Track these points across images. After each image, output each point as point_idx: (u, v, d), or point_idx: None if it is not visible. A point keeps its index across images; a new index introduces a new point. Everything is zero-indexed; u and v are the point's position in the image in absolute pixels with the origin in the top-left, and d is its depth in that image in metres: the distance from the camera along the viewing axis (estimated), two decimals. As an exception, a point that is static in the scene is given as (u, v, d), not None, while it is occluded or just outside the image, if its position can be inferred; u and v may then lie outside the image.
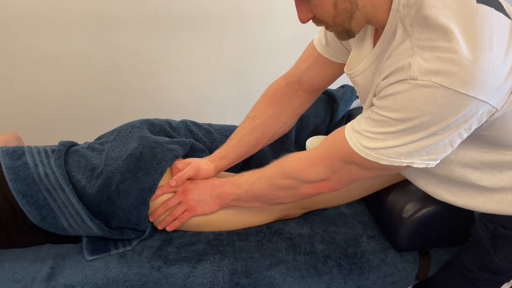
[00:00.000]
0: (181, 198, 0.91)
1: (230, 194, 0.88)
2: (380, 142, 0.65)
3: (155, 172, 0.89)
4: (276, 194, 0.83)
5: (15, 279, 0.82)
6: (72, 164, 0.92)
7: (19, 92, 1.68)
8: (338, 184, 0.77)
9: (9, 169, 0.87)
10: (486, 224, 0.79)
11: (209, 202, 0.90)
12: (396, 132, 0.63)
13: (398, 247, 0.92)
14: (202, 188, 0.91)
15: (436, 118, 0.59)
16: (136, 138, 0.95)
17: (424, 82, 0.57)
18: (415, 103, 0.59)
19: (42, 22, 1.54)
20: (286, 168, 0.80)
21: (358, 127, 0.69)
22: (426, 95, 0.58)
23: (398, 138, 0.63)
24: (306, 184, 0.78)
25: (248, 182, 0.86)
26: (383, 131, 0.64)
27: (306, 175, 0.77)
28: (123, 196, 0.87)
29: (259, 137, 0.99)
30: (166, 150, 0.93)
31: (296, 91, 0.97)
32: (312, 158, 0.77)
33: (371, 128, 0.66)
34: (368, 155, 0.67)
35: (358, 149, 0.68)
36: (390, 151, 0.65)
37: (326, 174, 0.75)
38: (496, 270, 0.78)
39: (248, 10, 1.71)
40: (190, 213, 0.91)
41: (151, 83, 1.79)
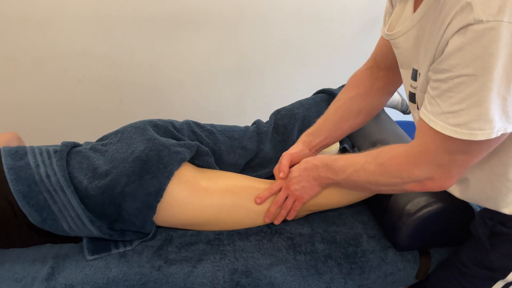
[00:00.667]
0: (287, 192, 0.94)
1: (327, 179, 0.89)
2: (466, 113, 0.58)
3: (162, 176, 0.88)
4: (378, 188, 0.82)
5: (15, 278, 0.82)
6: (74, 165, 0.92)
7: (19, 92, 1.68)
8: (449, 179, 0.70)
9: (10, 169, 0.87)
10: (485, 221, 0.79)
11: (310, 187, 0.92)
12: (477, 91, 0.56)
13: (398, 246, 0.92)
14: (299, 177, 0.92)
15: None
16: (142, 140, 0.94)
17: (492, 23, 0.52)
18: (488, 49, 0.53)
19: (42, 21, 1.54)
20: (386, 166, 0.76)
21: (438, 109, 0.62)
22: (497, 38, 0.52)
23: (481, 99, 0.56)
24: (412, 182, 0.73)
25: (345, 171, 0.84)
26: (464, 96, 0.58)
27: (410, 174, 0.72)
28: (128, 199, 0.87)
29: (345, 115, 1.00)
30: (173, 153, 0.92)
31: (378, 73, 0.97)
32: (413, 157, 0.71)
33: (450, 99, 0.60)
34: (461, 133, 0.60)
35: (450, 131, 0.61)
36: (481, 122, 0.58)
37: (432, 171, 0.69)
38: (492, 267, 0.79)
39: (248, 10, 1.71)
40: (300, 202, 0.94)
41: (151, 83, 1.79)
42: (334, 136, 1.02)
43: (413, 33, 0.71)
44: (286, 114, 1.19)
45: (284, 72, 1.90)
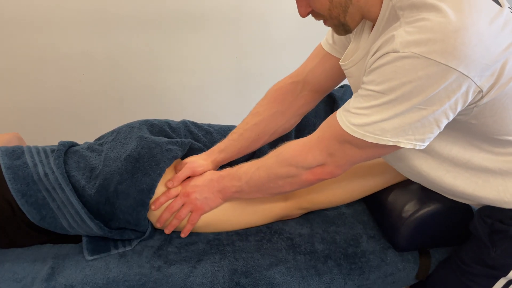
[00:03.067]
0: (185, 200, 0.91)
1: (232, 187, 0.88)
2: (366, 118, 0.66)
3: (154, 173, 0.89)
4: (276, 183, 0.83)
5: (15, 279, 0.82)
6: (71, 165, 0.92)
7: (19, 92, 1.68)
8: (336, 168, 0.76)
9: (8, 168, 0.87)
10: (484, 219, 0.80)
11: (212, 198, 0.90)
12: (380, 105, 0.64)
13: (398, 247, 0.92)
14: (203, 186, 0.90)
15: (417, 89, 0.60)
16: (135, 138, 0.95)
17: (405, 53, 0.58)
18: (397, 74, 0.60)
19: (42, 22, 1.54)
20: (284, 155, 0.80)
21: (347, 106, 0.70)
22: (407, 66, 0.59)
23: (382, 111, 0.64)
24: (305, 170, 0.78)
25: (248, 173, 0.86)
26: (368, 105, 0.65)
27: (303, 160, 0.77)
28: (121, 197, 0.87)
29: (261, 133, 0.99)
30: (165, 151, 0.92)
31: (301, 91, 0.97)
32: (308, 143, 0.77)
33: (358, 104, 0.67)
34: (355, 132, 0.67)
35: (346, 126, 0.68)
36: (376, 127, 0.65)
37: (323, 157, 0.75)
38: (493, 265, 0.79)
39: (248, 10, 1.71)
40: (198, 213, 0.91)
41: (151, 83, 1.79)
42: (244, 153, 1.01)
43: (364, 62, 0.73)
44: (285, 114, 1.19)
45: (284, 72, 1.89)
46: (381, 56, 0.62)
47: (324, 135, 0.75)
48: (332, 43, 0.90)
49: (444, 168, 0.78)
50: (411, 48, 0.58)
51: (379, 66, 0.63)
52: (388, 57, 0.61)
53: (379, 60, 0.63)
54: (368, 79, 0.66)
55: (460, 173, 0.77)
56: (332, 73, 0.93)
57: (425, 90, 0.60)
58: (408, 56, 0.58)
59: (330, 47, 0.90)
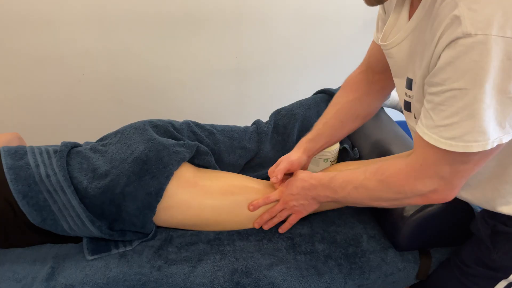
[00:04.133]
0: (284, 206, 0.94)
1: (326, 197, 0.88)
2: (458, 127, 0.58)
3: (162, 176, 0.88)
4: (379, 204, 0.81)
5: (15, 278, 0.82)
6: (74, 166, 0.92)
7: (19, 92, 1.68)
8: (451, 190, 0.69)
9: (10, 169, 0.87)
10: (486, 220, 0.79)
11: (309, 204, 0.92)
12: (468, 104, 0.56)
13: (398, 246, 0.92)
14: (297, 195, 0.92)
15: (503, 73, 0.54)
16: (142, 140, 0.94)
17: (479, 37, 0.52)
18: (477, 63, 0.53)
19: (42, 22, 1.54)
20: (388, 183, 0.75)
21: (431, 122, 0.62)
22: (484, 52, 0.53)
23: (474, 112, 0.56)
24: (415, 196, 0.73)
25: (344, 189, 0.83)
26: (455, 109, 0.58)
27: (413, 189, 0.71)
28: (128, 199, 0.87)
29: (344, 119, 0.99)
30: (172, 153, 0.92)
31: (373, 77, 0.97)
32: (413, 171, 0.70)
33: (442, 113, 0.60)
34: (455, 146, 0.60)
35: (444, 144, 0.61)
36: (475, 134, 0.58)
37: (434, 184, 0.68)
38: (495, 267, 0.78)
39: (248, 10, 1.71)
40: (298, 216, 0.95)
41: (151, 83, 1.79)
42: (332, 141, 1.03)
43: (407, 43, 0.71)
44: (286, 114, 1.19)
45: (284, 72, 1.90)
46: (450, 44, 0.55)
47: (427, 161, 0.67)
48: (377, 32, 0.88)
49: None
50: (484, 29, 0.52)
51: (452, 59, 0.56)
52: (459, 45, 0.54)
53: (448, 51, 0.56)
54: (442, 77, 0.58)
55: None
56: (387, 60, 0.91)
57: (509, 71, 0.54)
58: (484, 41, 0.52)
59: (376, 36, 0.90)
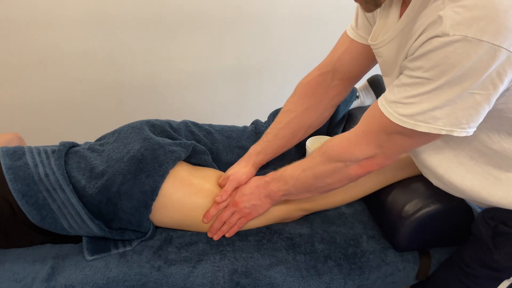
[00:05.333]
0: (234, 209, 0.93)
1: (278, 191, 0.89)
2: (416, 107, 0.63)
3: (157, 175, 0.89)
4: (324, 181, 0.82)
5: (15, 279, 0.83)
6: (72, 165, 0.92)
7: (19, 92, 1.68)
8: (386, 159, 0.75)
9: (9, 169, 0.87)
10: (487, 221, 0.79)
11: (260, 204, 0.91)
12: (430, 91, 0.61)
13: (398, 247, 0.92)
14: (250, 194, 0.91)
15: (469, 72, 0.57)
16: (138, 139, 0.94)
17: (456, 37, 0.56)
18: (448, 59, 0.58)
19: (42, 22, 1.54)
20: (329, 153, 0.79)
21: (392, 96, 0.67)
22: (458, 50, 0.56)
23: (432, 98, 0.61)
24: (353, 164, 0.77)
25: (293, 176, 0.85)
26: (417, 93, 0.63)
27: (351, 155, 0.76)
28: (124, 198, 0.87)
29: (295, 131, 0.99)
30: (168, 152, 0.92)
31: (332, 81, 0.96)
32: (354, 137, 0.76)
33: (405, 93, 0.64)
34: (406, 122, 0.65)
35: (395, 118, 0.66)
36: (427, 116, 0.63)
37: (372, 150, 0.74)
38: (497, 267, 0.78)
39: (248, 10, 1.71)
40: (247, 218, 0.93)
41: (151, 83, 1.79)
42: (280, 152, 1.01)
43: (396, 42, 0.72)
44: (285, 114, 1.19)
45: (284, 72, 1.90)
46: (428, 40, 0.59)
47: (370, 128, 0.73)
48: (355, 28, 0.89)
49: (458, 160, 0.77)
50: (462, 30, 0.55)
51: (427, 52, 0.60)
52: (436, 41, 0.58)
53: (426, 45, 0.60)
54: (414, 65, 0.63)
55: (473, 168, 0.76)
56: (361, 59, 0.91)
57: (476, 73, 0.57)
58: (459, 40, 0.56)
59: (355, 33, 0.89)
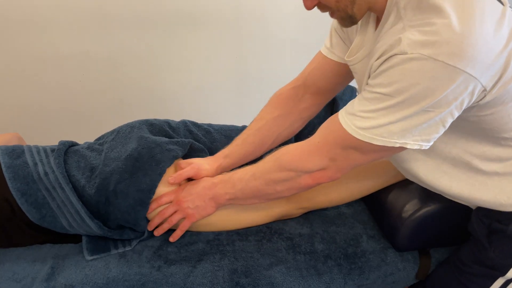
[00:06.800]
0: (177, 207, 0.90)
1: (225, 194, 0.87)
2: (373, 121, 0.65)
3: (154, 173, 0.88)
4: (273, 188, 0.81)
5: (15, 279, 0.83)
6: (71, 164, 0.92)
7: (20, 92, 1.68)
8: (337, 172, 0.75)
9: (8, 167, 0.87)
10: (481, 220, 0.80)
11: (204, 207, 0.89)
12: (387, 107, 0.63)
13: (398, 246, 0.92)
14: (195, 194, 0.89)
15: (426, 91, 0.60)
16: (135, 138, 0.95)
17: (413, 55, 0.58)
18: (405, 77, 0.60)
19: (42, 22, 1.54)
20: (282, 161, 0.79)
21: (351, 109, 0.69)
22: (415, 68, 0.59)
23: (390, 114, 0.63)
24: (304, 174, 0.77)
25: (242, 180, 0.84)
26: (375, 108, 0.65)
27: (303, 166, 0.76)
28: (120, 196, 0.87)
29: (264, 138, 0.99)
30: (165, 150, 0.92)
31: (303, 95, 0.97)
32: (308, 147, 0.76)
33: (364, 107, 0.66)
34: (362, 135, 0.66)
35: (352, 130, 0.67)
36: (383, 130, 0.65)
37: (324, 162, 0.74)
38: (492, 265, 0.79)
39: (248, 10, 1.71)
40: (189, 220, 0.90)
41: (151, 83, 1.79)
42: (248, 159, 1.00)
43: (368, 60, 0.73)
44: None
45: (284, 72, 1.90)
46: (388, 58, 0.62)
47: (326, 140, 0.74)
48: (330, 47, 0.90)
49: (442, 170, 0.78)
50: (419, 49, 0.58)
51: (386, 69, 0.62)
52: (395, 59, 0.60)
53: (386, 63, 0.62)
54: (374, 82, 0.65)
55: (457, 176, 0.77)
56: (331, 76, 0.93)
57: (433, 93, 0.59)
58: (416, 58, 0.58)
59: (328, 51, 0.91)
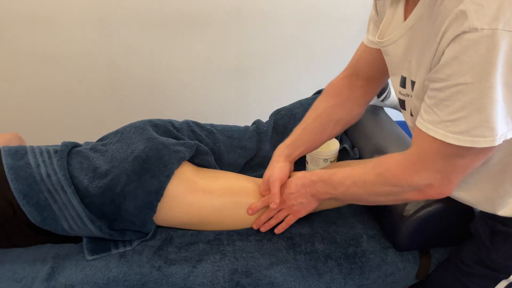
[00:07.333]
0: (282, 207, 0.93)
1: (325, 194, 0.87)
2: (466, 121, 0.58)
3: (162, 175, 0.88)
4: (376, 198, 0.80)
5: (15, 278, 0.83)
6: (74, 165, 0.92)
7: (20, 92, 1.68)
8: (448, 185, 0.68)
9: (11, 169, 0.87)
10: (486, 221, 0.79)
11: (308, 202, 0.91)
12: (476, 99, 0.56)
13: (398, 246, 0.92)
14: (296, 193, 0.91)
15: (510, 67, 0.54)
16: (142, 139, 0.94)
17: (486, 31, 0.52)
18: (483, 57, 0.53)
19: (42, 22, 1.54)
20: (386, 176, 0.75)
21: (436, 118, 0.61)
22: (491, 45, 0.52)
23: (481, 106, 0.56)
24: (412, 190, 0.72)
25: (343, 185, 0.83)
26: (461, 104, 0.57)
27: (410, 182, 0.71)
28: (129, 198, 0.87)
29: (324, 124, 0.98)
30: (173, 152, 0.92)
31: (357, 82, 0.97)
32: (411, 164, 0.70)
33: (448, 108, 0.59)
34: (462, 141, 0.59)
35: (452, 139, 0.60)
36: (482, 128, 0.57)
37: (430, 178, 0.68)
38: (495, 267, 0.78)
39: (248, 10, 1.71)
40: (296, 216, 0.93)
41: (151, 83, 1.79)
42: (311, 147, 1.00)
43: (404, 41, 0.72)
44: (286, 114, 1.19)
45: (284, 72, 1.90)
46: (455, 39, 0.55)
47: (426, 154, 0.67)
48: (368, 34, 0.89)
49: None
50: (491, 23, 0.52)
51: (457, 54, 0.55)
52: (465, 40, 0.54)
53: (453, 46, 0.55)
54: (445, 73, 0.57)
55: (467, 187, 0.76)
56: (377, 63, 0.90)
57: None
58: (491, 35, 0.52)
59: (367, 39, 0.90)
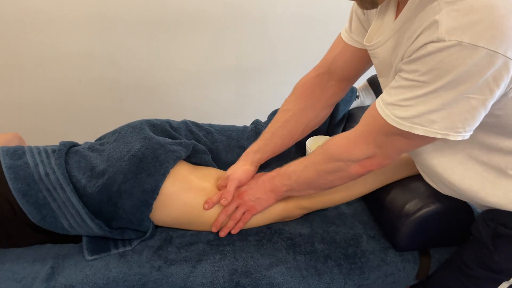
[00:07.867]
0: (239, 202, 0.93)
1: (282, 186, 0.90)
2: (412, 109, 0.64)
3: (158, 174, 0.89)
4: (325, 178, 0.84)
5: (15, 278, 0.83)
6: (72, 164, 0.92)
7: (19, 92, 1.68)
8: (385, 158, 0.76)
9: (9, 168, 0.87)
10: (487, 223, 0.79)
11: (265, 198, 0.92)
12: (426, 94, 0.62)
13: (398, 246, 0.92)
14: (255, 187, 0.92)
15: (465, 77, 0.58)
16: (138, 138, 0.95)
17: (452, 42, 0.56)
18: (443, 64, 0.58)
19: (42, 22, 1.54)
20: (330, 151, 0.81)
21: (389, 98, 0.68)
22: (454, 55, 0.57)
23: (428, 101, 0.62)
24: (353, 164, 0.78)
25: (296, 172, 0.87)
26: (413, 96, 0.63)
27: (351, 155, 0.77)
28: (125, 197, 0.87)
29: (292, 129, 0.99)
30: (169, 151, 0.93)
31: (328, 81, 0.97)
32: (353, 137, 0.77)
33: (402, 95, 0.65)
34: (402, 125, 0.66)
35: (392, 120, 0.67)
36: (423, 119, 0.63)
37: (371, 150, 0.75)
38: (496, 269, 0.78)
39: (248, 10, 1.71)
40: (251, 213, 0.93)
41: (151, 83, 1.79)
42: (278, 151, 1.02)
43: (391, 42, 0.73)
44: (285, 114, 1.19)
45: (284, 72, 1.90)
46: (425, 45, 0.60)
47: (369, 129, 0.74)
48: (350, 32, 0.89)
49: (458, 159, 0.77)
50: (457, 36, 0.56)
51: (423, 56, 0.60)
52: (432, 46, 0.58)
53: (422, 49, 0.60)
54: (410, 68, 0.63)
55: (473, 167, 0.76)
56: (354, 62, 0.93)
57: (472, 78, 0.57)
58: (455, 45, 0.56)
59: (348, 36, 0.90)
